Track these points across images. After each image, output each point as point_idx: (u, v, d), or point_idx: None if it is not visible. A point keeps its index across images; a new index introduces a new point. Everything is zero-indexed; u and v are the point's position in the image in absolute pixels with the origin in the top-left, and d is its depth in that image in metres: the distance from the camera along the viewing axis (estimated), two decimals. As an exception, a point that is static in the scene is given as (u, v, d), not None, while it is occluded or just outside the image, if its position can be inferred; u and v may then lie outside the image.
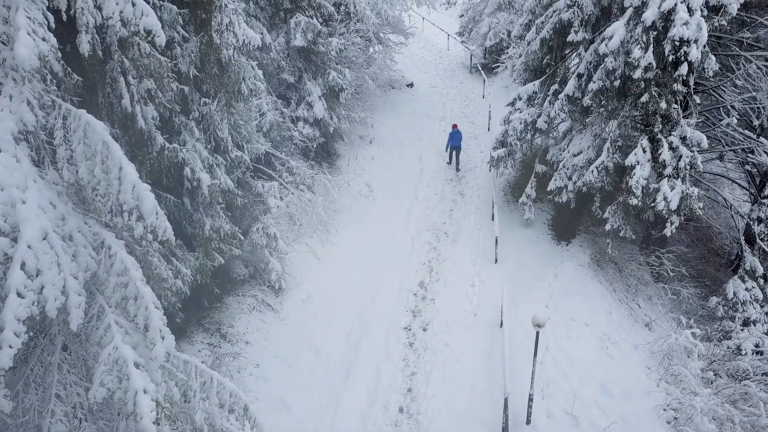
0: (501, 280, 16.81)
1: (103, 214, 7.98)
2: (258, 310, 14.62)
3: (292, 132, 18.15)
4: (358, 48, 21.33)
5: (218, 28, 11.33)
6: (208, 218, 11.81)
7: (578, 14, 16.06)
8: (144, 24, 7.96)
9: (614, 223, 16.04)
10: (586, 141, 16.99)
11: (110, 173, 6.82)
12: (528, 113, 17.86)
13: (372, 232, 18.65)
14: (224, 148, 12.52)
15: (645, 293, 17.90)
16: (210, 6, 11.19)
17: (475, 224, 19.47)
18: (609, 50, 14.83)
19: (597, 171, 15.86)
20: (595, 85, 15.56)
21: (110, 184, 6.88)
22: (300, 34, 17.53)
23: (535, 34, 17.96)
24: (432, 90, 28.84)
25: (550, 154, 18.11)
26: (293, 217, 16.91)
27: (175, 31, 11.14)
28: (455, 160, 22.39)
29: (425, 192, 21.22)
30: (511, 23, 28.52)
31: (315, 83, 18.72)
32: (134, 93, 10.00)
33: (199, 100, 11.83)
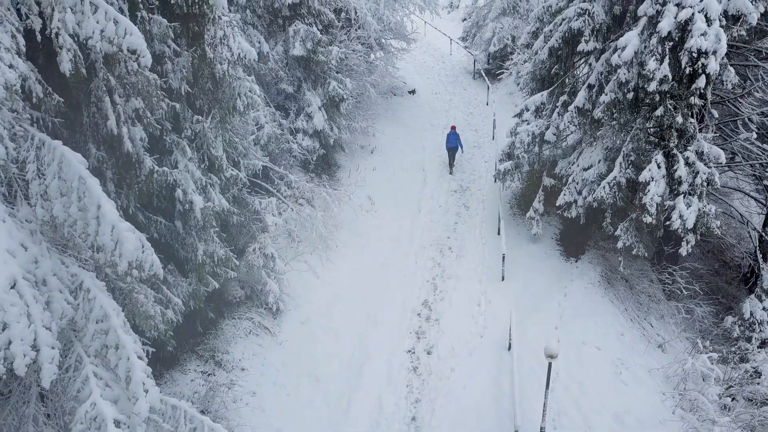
0: (508, 300, 16.17)
1: (83, 249, 7.32)
2: (255, 333, 13.96)
3: (291, 144, 17.49)
4: (359, 56, 20.67)
5: (211, 42, 10.66)
6: (201, 243, 11.15)
7: (589, 23, 15.40)
8: (128, 43, 7.31)
9: (626, 240, 15.37)
10: (597, 154, 16.33)
11: (88, 212, 6.16)
12: (536, 125, 17.19)
13: (374, 248, 18.00)
14: (219, 167, 11.86)
15: (657, 311, 17.23)
16: (203, 19, 10.52)
17: (480, 239, 18.81)
18: (622, 61, 14.16)
19: (609, 187, 15.19)
20: (607, 97, 14.90)
21: (88, 223, 6.22)
22: (299, 42, 16.87)
23: (543, 42, 17.29)
24: (434, 97, 28.17)
25: (559, 168, 17.44)
26: (292, 233, 16.25)
27: (165, 45, 10.48)
28: (450, 162, 22.29)
29: (429, 204, 20.55)
30: (516, 28, 27.87)
31: (315, 93, 18.05)
32: (121, 113, 9.34)
33: (192, 118, 11.17)
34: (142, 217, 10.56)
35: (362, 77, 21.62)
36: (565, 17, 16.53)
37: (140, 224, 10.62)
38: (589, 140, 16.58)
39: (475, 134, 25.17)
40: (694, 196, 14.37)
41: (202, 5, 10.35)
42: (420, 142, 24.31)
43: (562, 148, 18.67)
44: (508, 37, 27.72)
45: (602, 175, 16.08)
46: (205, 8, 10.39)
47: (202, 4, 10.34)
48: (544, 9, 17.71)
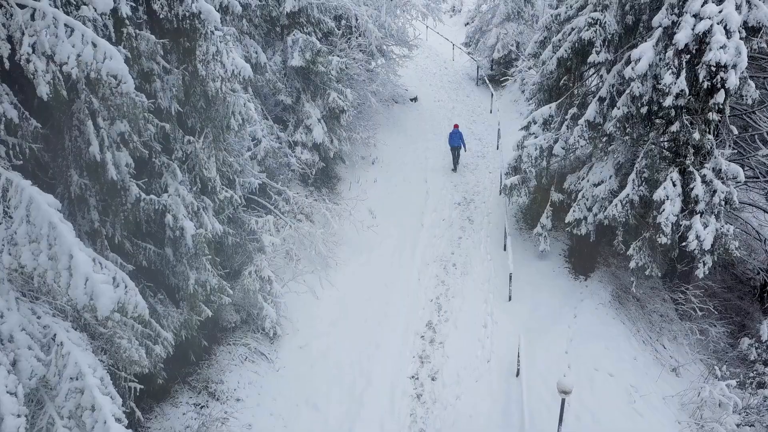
0: (516, 321, 15.52)
1: (58, 294, 6.67)
2: (251, 360, 13.31)
3: (289, 158, 16.84)
4: (360, 65, 20.01)
5: (204, 59, 10.01)
6: (193, 271, 10.50)
7: (600, 33, 14.74)
8: (107, 68, 6.65)
9: (639, 260, 14.70)
10: (608, 169, 15.67)
11: (59, 261, 5.51)
12: (544, 138, 16.54)
13: (375, 265, 17.34)
14: (212, 189, 11.21)
15: (669, 330, 16.57)
16: (194, 34, 9.87)
17: (485, 254, 18.15)
18: (636, 74, 13.52)
19: (621, 205, 14.54)
20: (619, 111, 14.25)
21: (59, 274, 5.56)
22: (298, 53, 16.21)
23: (551, 52, 16.64)
24: (437, 104, 27.51)
25: (568, 182, 16.78)
26: (290, 251, 15.59)
27: (154, 62, 9.82)
28: (454, 161, 22.33)
29: (432, 218, 19.89)
30: (520, 34, 27.21)
31: (314, 105, 17.40)
32: (104, 137, 8.69)
33: (183, 138, 10.52)
34: (130, 245, 9.90)
35: (363, 86, 20.97)
36: (574, 27, 15.88)
37: (127, 252, 9.97)
38: (600, 155, 15.92)
39: (479, 143, 24.51)
40: (712, 215, 13.73)
41: (193, 20, 9.70)
42: (422, 152, 23.65)
43: (569, 159, 18.03)
44: (512, 43, 27.05)
45: (614, 192, 15.44)
46: (196, 23, 9.74)
47: (194, 19, 9.70)
48: (552, 17, 17.06)
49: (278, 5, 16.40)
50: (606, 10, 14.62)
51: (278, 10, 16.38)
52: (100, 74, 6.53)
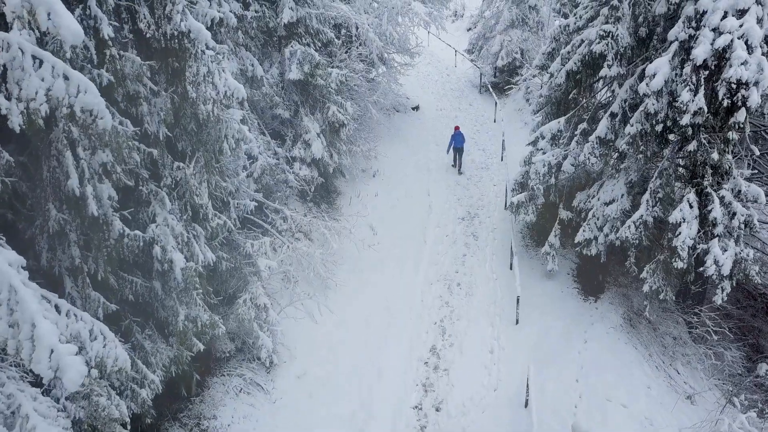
0: (523, 347, 14.87)
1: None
2: (246, 392, 12.64)
3: (287, 175, 16.17)
4: (360, 75, 19.35)
5: (194, 80, 9.35)
6: (183, 306, 9.83)
7: (612, 46, 14.07)
8: (81, 103, 5.99)
9: (653, 284, 14.04)
10: (619, 188, 15.00)
11: (21, 331, 4.85)
12: (552, 155, 15.87)
13: (377, 285, 16.67)
14: (204, 216, 10.55)
15: (683, 354, 15.91)
16: (183, 54, 9.21)
17: (491, 273, 17.49)
18: (651, 91, 12.84)
19: (635, 226, 13.88)
20: (633, 128, 13.60)
21: (21, 344, 4.90)
22: (296, 65, 15.55)
23: (560, 65, 15.98)
24: (439, 113, 26.84)
25: (577, 200, 16.11)
26: (288, 273, 14.93)
27: (140, 84, 9.16)
28: (458, 162, 22.37)
29: (435, 234, 19.23)
30: (525, 41, 26.53)
31: (313, 119, 16.73)
32: (85, 169, 8.03)
33: (172, 164, 9.85)
34: (114, 280, 9.23)
35: (364, 98, 20.31)
36: (584, 38, 15.24)
37: (111, 288, 9.30)
38: (611, 172, 15.25)
39: (483, 154, 23.84)
40: (731, 239, 13.08)
41: (182, 39, 9.04)
42: (424, 163, 22.99)
43: (578, 173, 17.36)
44: (516, 51, 26.38)
45: (626, 212, 14.78)
46: (185, 43, 9.09)
47: (183, 39, 9.04)
48: (560, 28, 16.40)
49: (275, 16, 15.74)
50: (618, 22, 13.94)
51: (275, 20, 15.71)
52: (73, 110, 5.85)
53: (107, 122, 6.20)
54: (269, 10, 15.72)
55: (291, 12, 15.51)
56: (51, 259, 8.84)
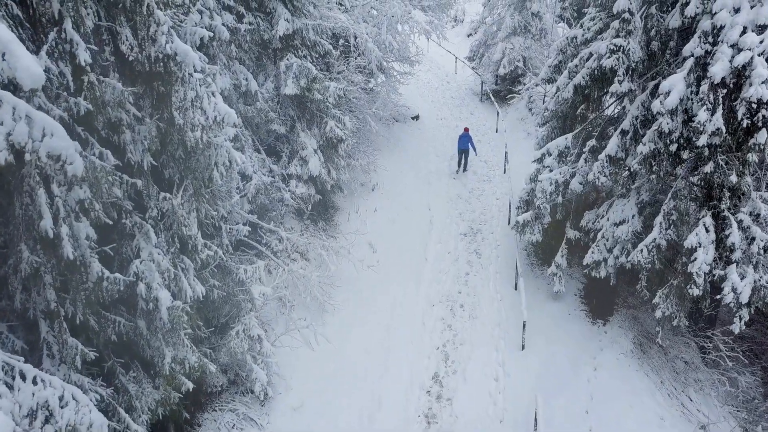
0: (530, 374, 14.22)
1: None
2: (239, 428, 11.97)
3: (283, 193, 15.50)
4: (359, 87, 18.69)
5: (180, 105, 8.68)
6: (169, 347, 9.17)
7: (623, 61, 13.41)
8: (47, 148, 5.34)
9: (666, 309, 13.41)
10: (630, 208, 14.37)
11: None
12: (560, 172, 15.23)
13: (376, 307, 16.01)
14: (193, 248, 9.88)
15: (696, 380, 15.26)
16: (169, 78, 8.55)
17: (495, 294, 16.84)
18: (665, 109, 12.20)
19: (648, 250, 13.23)
20: (645, 147, 12.95)
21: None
22: (292, 80, 14.88)
23: (567, 79, 15.36)
24: (440, 122, 26.20)
25: (585, 220, 15.48)
26: (283, 298, 14.27)
27: (123, 110, 8.48)
28: (462, 162, 22.42)
29: (436, 251, 18.58)
30: (527, 49, 25.90)
31: (310, 134, 16.07)
32: (60, 207, 7.35)
33: (158, 195, 9.18)
34: (95, 321, 8.56)
35: (363, 110, 19.66)
36: (593, 52, 14.61)
37: (91, 329, 8.63)
38: (621, 191, 14.63)
39: (485, 166, 23.19)
40: (749, 265, 12.44)
41: (168, 63, 8.38)
42: (425, 176, 22.34)
43: (586, 190, 16.74)
44: (518, 59, 25.74)
45: (637, 233, 14.15)
46: (171, 66, 8.42)
47: (168, 62, 8.38)
48: (567, 40, 15.77)
49: (270, 28, 15.07)
50: (630, 36, 13.30)
51: (270, 33, 15.05)
52: (38, 155, 5.19)
53: (77, 167, 5.54)
54: (264, 22, 15.06)
55: (287, 24, 14.85)
56: (25, 301, 8.19)
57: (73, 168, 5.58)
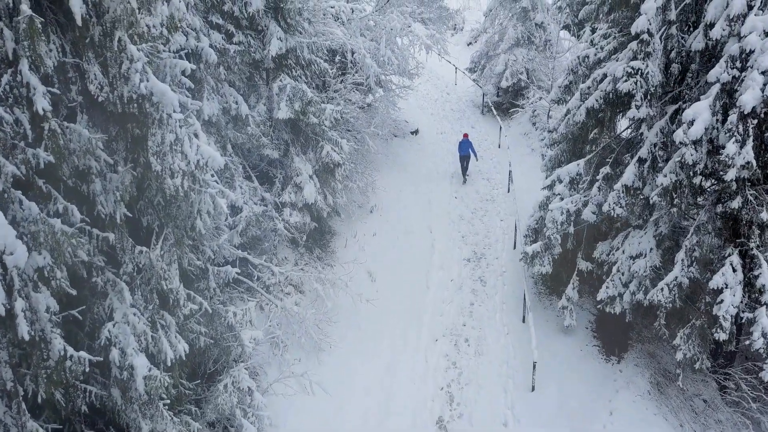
0: (542, 418, 13.29)
1: None
2: (228, 489, 10.98)
3: (276, 223, 14.52)
4: (357, 106, 17.74)
5: (158, 150, 7.70)
6: (147, 420, 8.18)
7: (642, 85, 12.46)
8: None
9: (687, 351, 12.50)
10: (647, 241, 13.44)
11: None
12: (571, 201, 14.29)
13: (376, 343, 15.03)
14: (174, 302, 8.90)
15: (716, 419, 14.32)
16: (145, 119, 7.56)
17: (502, 327, 15.89)
18: (689, 139, 11.27)
19: (668, 289, 12.31)
20: (666, 179, 12.00)
21: None
22: (285, 103, 13.90)
23: (579, 101, 14.43)
24: (440, 137, 25.25)
25: (599, 251, 14.56)
26: (276, 338, 13.30)
27: (92, 157, 7.49)
28: (464, 170, 22.16)
29: (438, 278, 17.62)
30: (531, 60, 24.97)
31: (305, 159, 15.09)
32: (14, 278, 6.35)
33: (133, 249, 8.18)
34: (61, 395, 7.56)
35: (360, 129, 18.69)
36: (608, 73, 13.69)
37: (57, 402, 7.63)
38: (638, 222, 13.70)
39: (488, 185, 22.25)
40: (780, 308, 11.52)
41: (142, 104, 7.40)
42: (425, 195, 21.39)
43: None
44: (521, 71, 24.79)
45: (656, 268, 13.23)
46: (147, 107, 7.45)
47: (143, 103, 7.41)
48: (578, 60, 14.84)
49: (262, 47, 14.10)
50: (648, 58, 12.34)
51: (262, 52, 14.07)
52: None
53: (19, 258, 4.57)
54: (255, 41, 14.08)
55: (279, 43, 13.87)
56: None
57: (14, 259, 4.62)
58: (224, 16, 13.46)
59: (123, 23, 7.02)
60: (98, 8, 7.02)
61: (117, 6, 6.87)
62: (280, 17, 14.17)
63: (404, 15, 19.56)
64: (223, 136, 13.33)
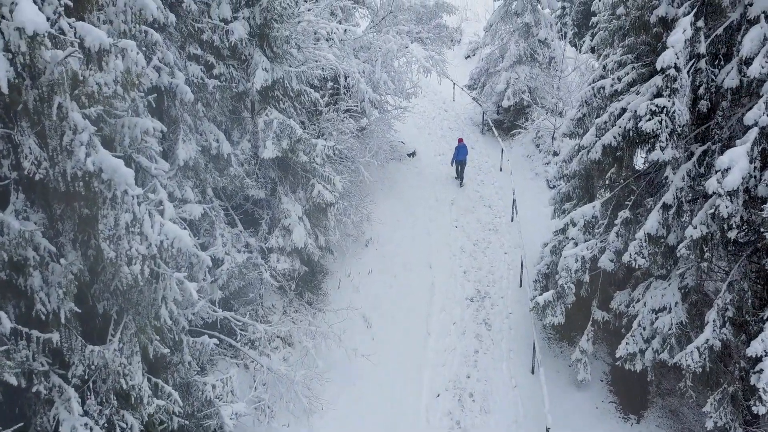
0: (556, 491, 12.02)
1: None
2: None
3: (262, 271, 13.19)
4: (351, 134, 16.44)
5: (111, 234, 6.36)
6: None
7: (667, 125, 11.19)
8: None
9: (719, 419, 11.24)
10: (671, 293, 12.19)
11: None
12: (586, 247, 13.03)
13: (372, 401, 13.68)
14: (137, 400, 7.54)
15: (743, 484, 13.11)
16: (94, 199, 6.22)
17: (509, 379, 14.62)
18: (725, 190, 10.01)
19: (699, 353, 11.05)
20: (696, 231, 10.77)
21: None
22: (272, 141, 12.57)
23: (594, 137, 13.18)
24: (438, 159, 23.95)
25: (617, 302, 13.31)
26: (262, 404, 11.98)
27: (29, 247, 6.15)
28: (461, 175, 22.26)
29: (440, 321, 16.32)
30: (534, 78, 23.71)
31: (294, 198, 13.77)
32: None
33: (83, 348, 6.84)
34: None
35: (355, 159, 17.39)
36: (627, 108, 12.44)
37: None
38: (660, 271, 12.46)
39: (489, 212, 20.97)
40: (826, 378, 10.28)
41: (90, 182, 6.06)
42: (424, 225, 20.07)
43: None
44: (524, 89, 23.53)
45: (682, 325, 11.99)
46: (95, 185, 6.12)
47: (91, 180, 6.06)
48: (593, 91, 13.59)
49: (246, 78, 12.77)
50: (675, 95, 11.08)
51: (246, 84, 12.74)
52: None
53: None
54: (238, 71, 12.75)
55: (265, 74, 12.54)
56: None
57: None
58: (203, 45, 12.12)
59: (64, 86, 5.67)
60: (32, 69, 5.66)
61: (54, 68, 5.51)
62: (265, 45, 12.85)
63: (401, 35, 18.25)
64: (203, 180, 11.99)
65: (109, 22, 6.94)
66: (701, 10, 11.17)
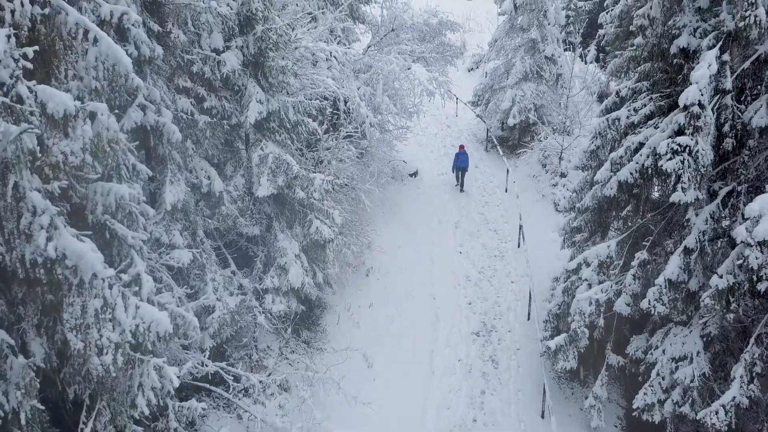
0: None
1: None
2: None
3: (256, 314, 12.44)
4: (350, 160, 15.69)
5: (78, 324, 5.60)
6: None
7: (690, 164, 10.43)
8: None
9: (746, 481, 10.48)
10: (693, 341, 11.44)
11: None
12: (601, 289, 12.28)
13: (374, 450, 12.96)
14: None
15: None
16: (58, 286, 5.47)
17: (518, 423, 13.86)
18: (754, 240, 9.26)
19: (725, 411, 10.28)
20: (722, 281, 10.03)
21: None
22: (266, 178, 11.82)
23: (609, 171, 12.43)
24: (441, 179, 23.20)
25: (633, 347, 12.55)
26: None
27: (-17, 341, 5.37)
28: (461, 181, 22.35)
29: (444, 358, 15.55)
30: (540, 96, 22.94)
31: (290, 235, 13.02)
32: None
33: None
34: None
35: (355, 186, 16.63)
36: (644, 143, 11.69)
37: None
38: (681, 317, 11.69)
39: (495, 237, 20.19)
40: None
41: (51, 269, 5.31)
42: (427, 250, 19.31)
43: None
44: (530, 107, 22.75)
45: (705, 377, 11.22)
46: (57, 272, 5.36)
47: (53, 267, 5.30)
48: (607, 122, 12.84)
49: (239, 111, 12.02)
50: (698, 133, 10.33)
51: (239, 117, 12.00)
52: None
53: None
54: (231, 103, 12.02)
55: (260, 106, 11.81)
56: None
57: None
58: (193, 77, 11.39)
59: (20, 164, 4.90)
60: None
61: (7, 145, 4.76)
62: (260, 75, 12.10)
63: (403, 55, 17.51)
64: (192, 222, 11.23)
65: (79, 78, 6.20)
66: (727, 42, 10.44)
